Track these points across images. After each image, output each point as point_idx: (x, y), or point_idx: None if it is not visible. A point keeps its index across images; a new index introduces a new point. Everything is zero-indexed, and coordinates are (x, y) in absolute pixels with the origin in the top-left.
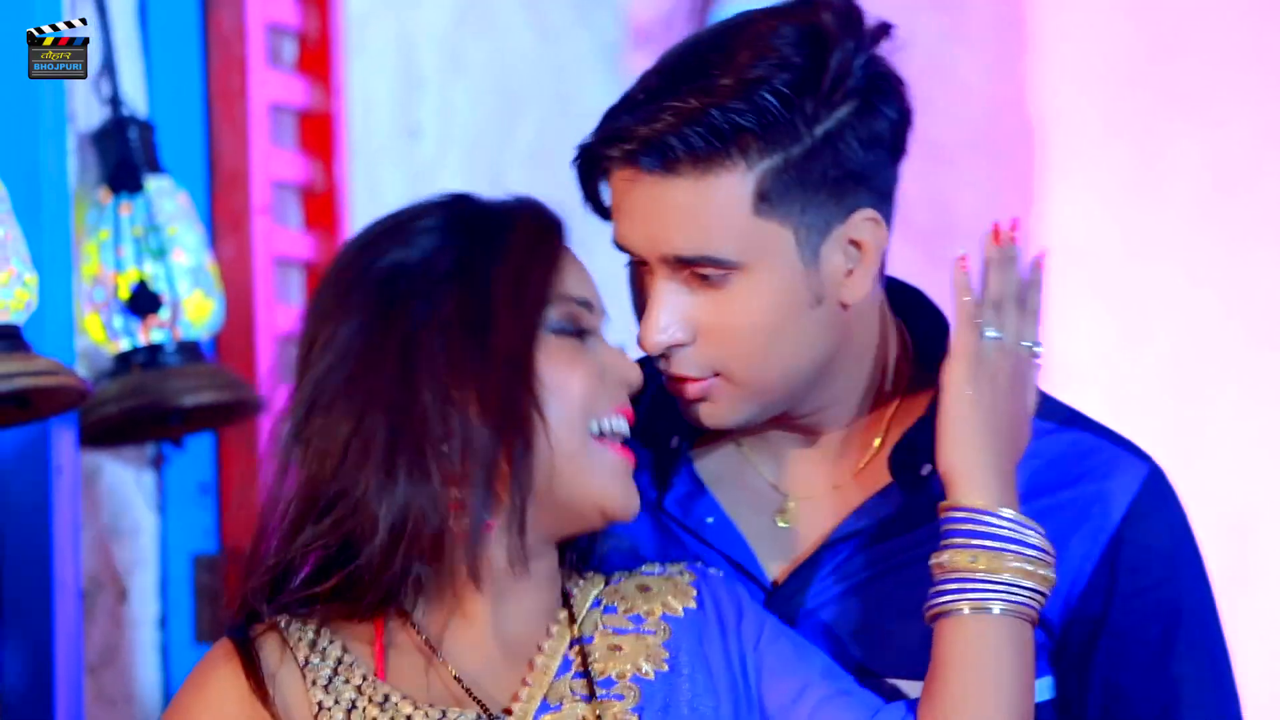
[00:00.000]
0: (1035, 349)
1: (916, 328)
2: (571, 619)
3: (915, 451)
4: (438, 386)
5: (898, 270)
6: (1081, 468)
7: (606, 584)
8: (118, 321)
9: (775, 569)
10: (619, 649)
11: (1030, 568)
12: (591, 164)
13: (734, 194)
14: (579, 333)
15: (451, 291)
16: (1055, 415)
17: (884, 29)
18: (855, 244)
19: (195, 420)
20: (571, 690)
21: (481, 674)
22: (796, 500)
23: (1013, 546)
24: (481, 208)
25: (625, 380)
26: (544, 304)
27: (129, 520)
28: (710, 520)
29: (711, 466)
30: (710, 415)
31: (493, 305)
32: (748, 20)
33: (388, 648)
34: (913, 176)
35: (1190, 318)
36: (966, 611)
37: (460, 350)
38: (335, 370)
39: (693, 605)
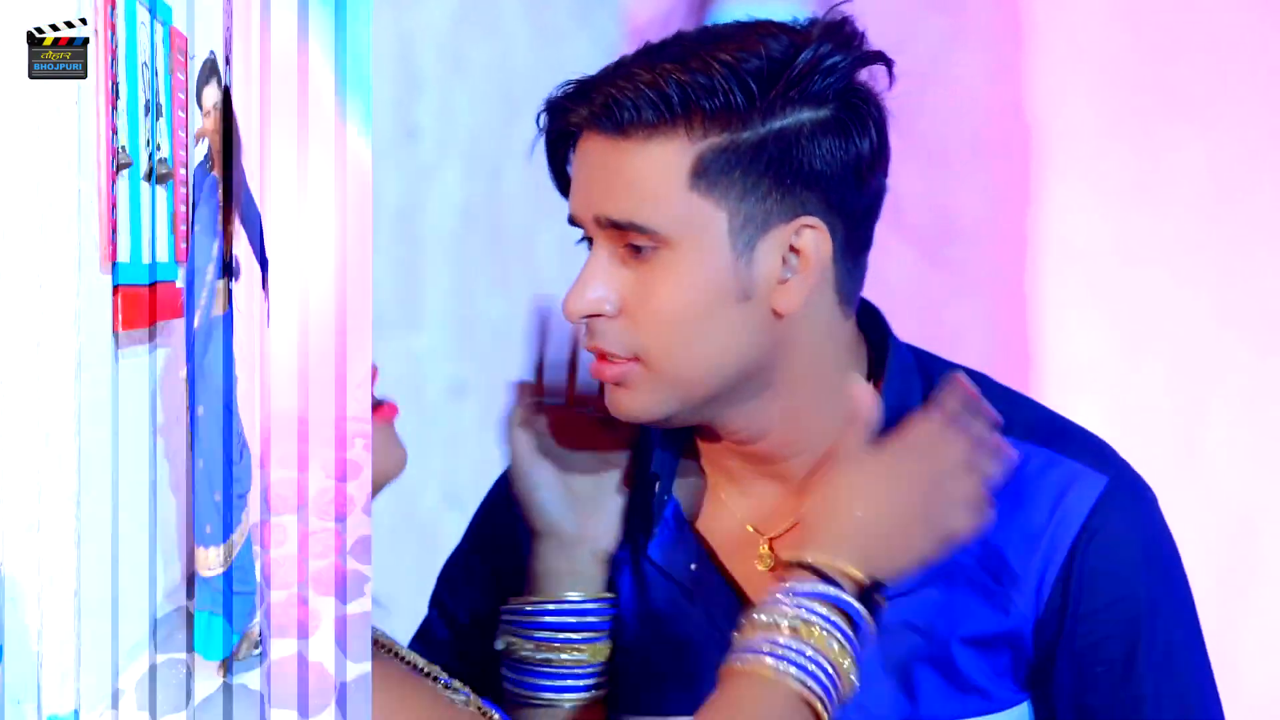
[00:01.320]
0: None
1: (879, 356)
2: None
3: None
4: None
5: (895, 270)
6: (1033, 487)
7: None
8: None
9: None
10: None
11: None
12: (561, 130)
13: (672, 163)
14: None
15: None
16: (1015, 427)
17: (877, 55)
18: (796, 251)
19: None
20: None
21: None
22: (768, 541)
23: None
24: None
25: None
26: None
27: None
28: (694, 567)
29: (693, 508)
30: (629, 404)
31: None
32: (755, 23)
33: None
34: (912, 177)
35: (1189, 321)
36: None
37: None
38: None
39: None
